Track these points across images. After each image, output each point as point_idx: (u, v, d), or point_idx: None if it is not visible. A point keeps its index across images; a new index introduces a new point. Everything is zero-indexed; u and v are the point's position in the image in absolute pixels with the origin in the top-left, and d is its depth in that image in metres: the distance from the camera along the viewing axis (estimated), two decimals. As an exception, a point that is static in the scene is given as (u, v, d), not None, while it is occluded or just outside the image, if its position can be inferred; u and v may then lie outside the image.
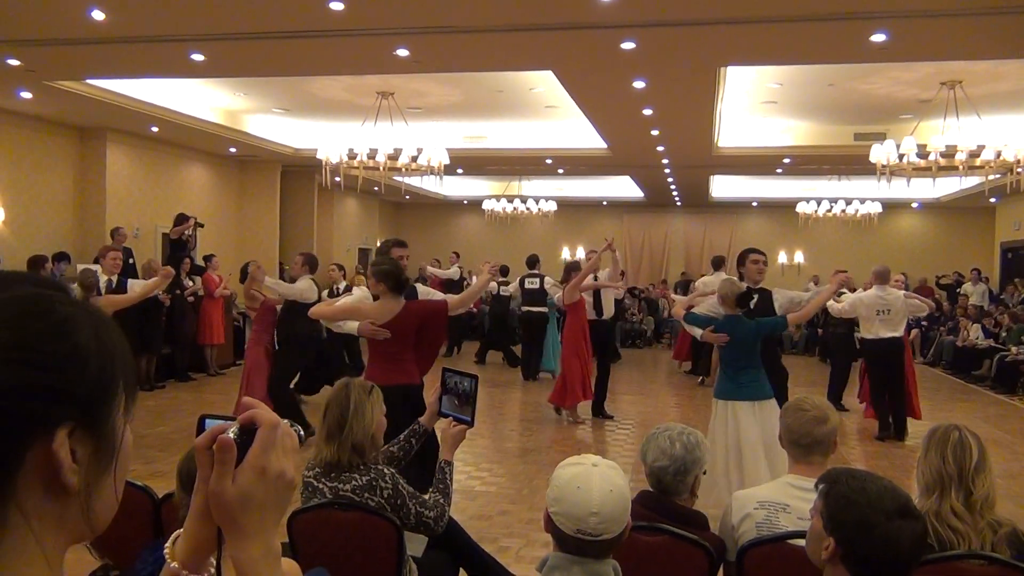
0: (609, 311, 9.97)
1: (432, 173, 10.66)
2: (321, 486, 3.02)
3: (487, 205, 19.07)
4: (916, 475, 2.76)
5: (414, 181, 15.58)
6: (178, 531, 1.03)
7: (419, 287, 5.84)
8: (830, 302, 8.45)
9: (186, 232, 12.24)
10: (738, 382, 5.42)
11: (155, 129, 12.36)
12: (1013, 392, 11.85)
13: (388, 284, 4.79)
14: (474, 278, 10.09)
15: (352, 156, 10.47)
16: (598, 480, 1.99)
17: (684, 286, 18.11)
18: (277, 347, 8.38)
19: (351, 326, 5.05)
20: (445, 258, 18.48)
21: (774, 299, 6.18)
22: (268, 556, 0.96)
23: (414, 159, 10.41)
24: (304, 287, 7.89)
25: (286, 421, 0.99)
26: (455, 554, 3.68)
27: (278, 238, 15.83)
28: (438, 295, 5.66)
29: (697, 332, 5.80)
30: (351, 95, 11.25)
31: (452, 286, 13.62)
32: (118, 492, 0.85)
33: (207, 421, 1.02)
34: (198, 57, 8.45)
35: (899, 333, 8.83)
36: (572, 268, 9.88)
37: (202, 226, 12.71)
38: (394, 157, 10.36)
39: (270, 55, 8.47)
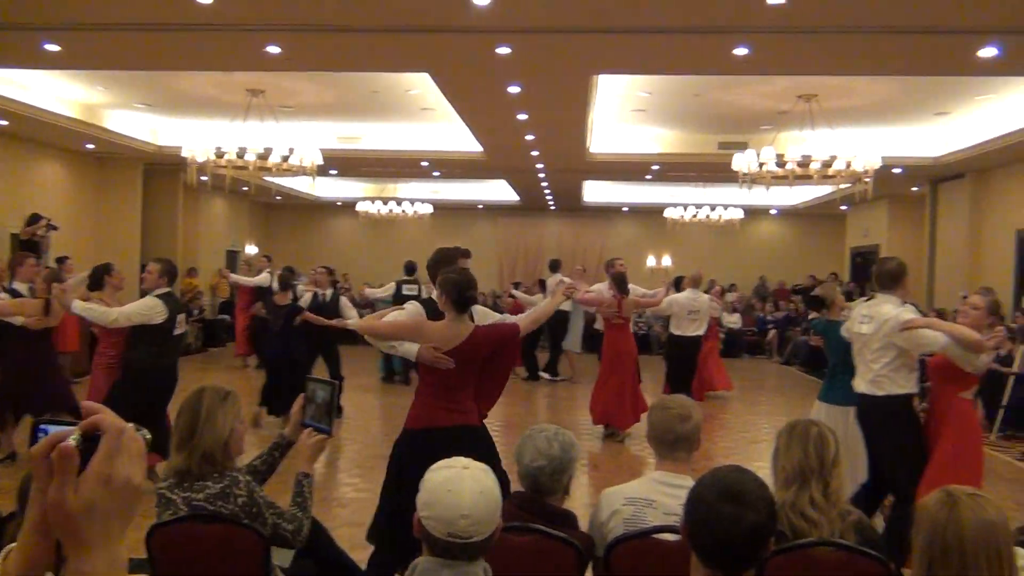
0: None
1: (304, 174, 10.44)
2: (174, 497, 2.90)
3: (361, 207, 18.82)
4: (773, 468, 2.88)
5: (285, 181, 15.23)
6: (10, 545, 0.97)
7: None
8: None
9: (38, 233, 11.53)
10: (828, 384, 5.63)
11: (4, 123, 11.58)
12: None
13: (451, 298, 3.96)
14: (327, 291, 9.71)
15: (220, 155, 10.12)
16: (469, 483, 1.99)
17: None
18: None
19: (408, 348, 4.06)
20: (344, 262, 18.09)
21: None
22: (113, 568, 0.91)
23: (285, 159, 10.16)
24: (143, 307, 6.08)
25: (131, 425, 0.95)
26: (322, 563, 3.60)
27: (140, 240, 15.09)
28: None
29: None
30: (220, 92, 10.87)
31: (262, 294, 12.05)
32: None
33: (44, 428, 0.95)
34: (52, 48, 7.98)
35: (701, 332, 9.66)
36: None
37: (56, 228, 11.99)
38: (264, 156, 10.08)
39: (132, 48, 8.08)
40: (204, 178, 10.93)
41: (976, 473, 4.62)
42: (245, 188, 15.47)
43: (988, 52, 7.48)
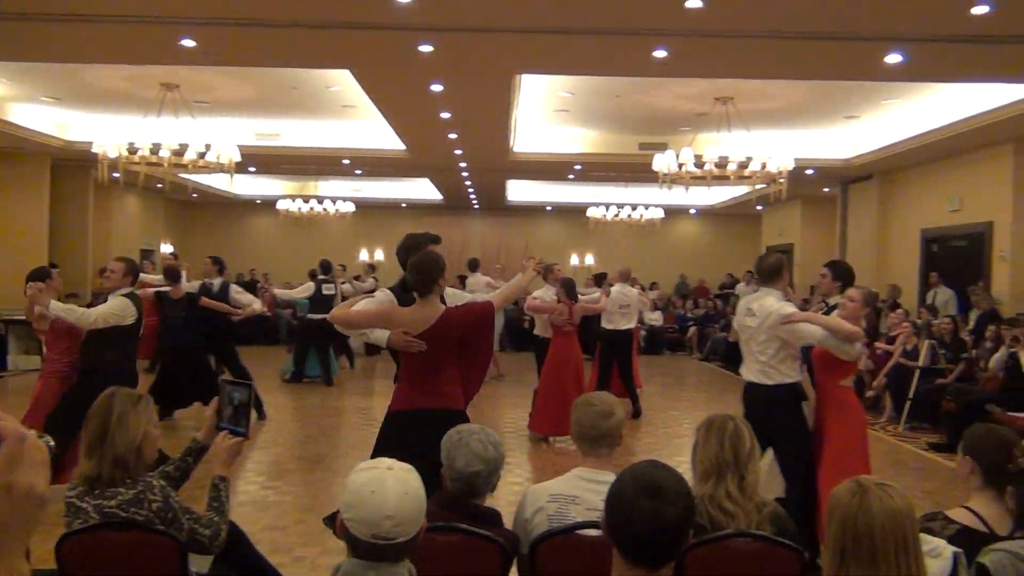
0: None
1: (222, 171, 10.20)
2: (84, 505, 2.80)
3: (282, 205, 18.48)
4: (692, 462, 2.95)
5: (202, 179, 14.85)
6: None
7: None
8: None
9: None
10: None
11: None
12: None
13: (414, 280, 3.96)
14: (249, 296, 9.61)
15: (133, 150, 9.80)
16: (393, 483, 1.98)
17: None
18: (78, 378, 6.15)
19: (379, 335, 4.12)
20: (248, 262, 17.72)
21: None
22: None
23: (202, 155, 9.91)
24: (116, 308, 5.88)
25: (33, 432, 0.91)
26: (241, 569, 3.52)
27: (47, 239, 14.49)
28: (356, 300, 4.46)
29: None
30: (132, 86, 10.53)
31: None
32: None
33: None
34: (-51, 36, 7.61)
35: (632, 325, 9.86)
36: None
37: None
38: (180, 153, 9.81)
39: (38, 38, 7.76)
40: (116, 175, 10.54)
41: (862, 455, 4.90)
42: (160, 185, 15.03)
43: (894, 58, 7.78)
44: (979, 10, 6.42)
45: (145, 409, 2.93)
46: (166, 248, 19.99)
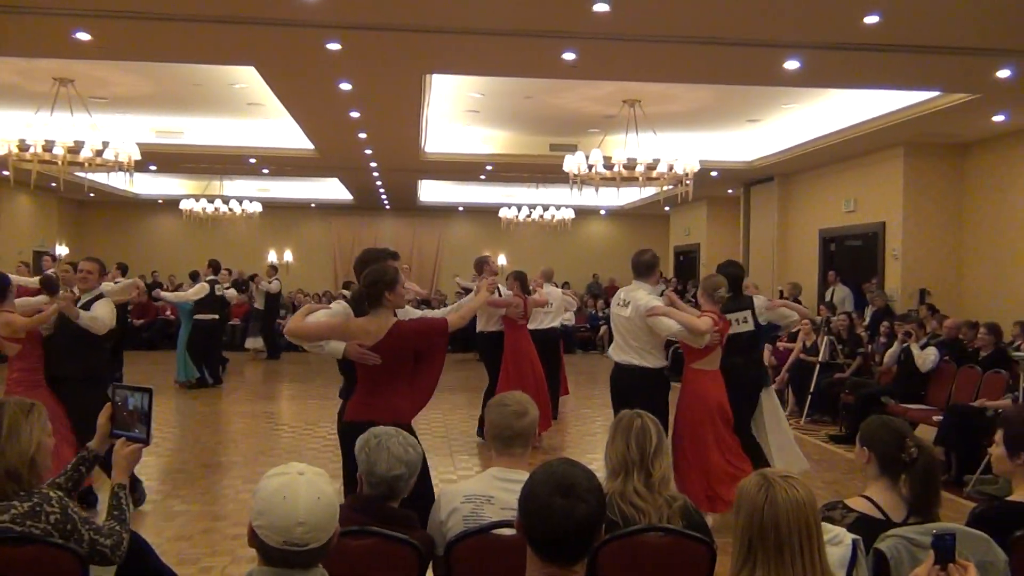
0: None
1: (120, 169, 9.82)
2: None
3: (185, 205, 17.91)
4: (604, 460, 3.00)
5: (99, 177, 14.28)
6: None
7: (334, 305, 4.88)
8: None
9: None
10: None
11: None
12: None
13: (367, 292, 4.04)
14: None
15: (24, 147, 9.34)
16: (305, 489, 1.94)
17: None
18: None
19: (334, 347, 4.15)
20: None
21: None
22: None
23: (99, 153, 9.52)
24: (109, 311, 5.90)
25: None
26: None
27: (-70, 239, 13.73)
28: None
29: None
30: (22, 79, 10.05)
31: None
32: None
33: None
34: None
35: (557, 324, 9.89)
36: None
37: None
38: (75, 150, 9.40)
39: (-85, 28, 7.33)
40: (5, 173, 10.04)
41: (712, 423, 5.56)
42: (53, 184, 14.35)
43: (791, 64, 8.07)
44: (871, 19, 6.72)
45: (38, 419, 2.80)
46: (61, 250, 19.16)
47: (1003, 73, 8.17)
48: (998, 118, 10.17)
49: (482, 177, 16.58)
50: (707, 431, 5.51)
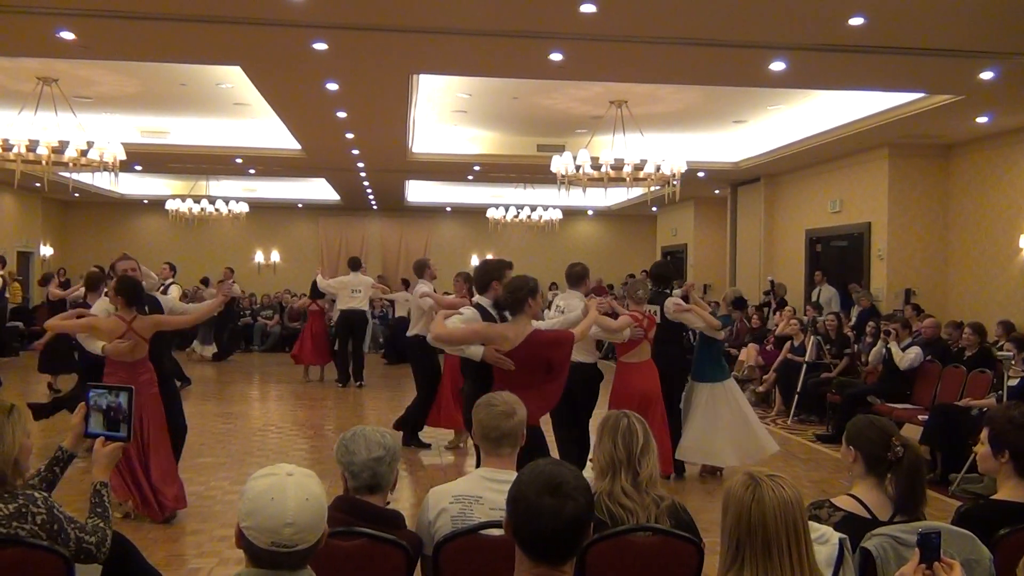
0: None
1: (105, 169, 9.76)
2: None
3: (171, 205, 17.81)
4: (593, 460, 3.00)
5: (84, 177, 14.18)
6: None
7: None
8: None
9: None
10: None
11: None
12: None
13: (510, 300, 4.46)
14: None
15: (7, 147, 9.26)
16: (293, 490, 1.93)
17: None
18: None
19: (474, 351, 4.48)
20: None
21: None
22: None
23: (83, 153, 9.45)
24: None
25: None
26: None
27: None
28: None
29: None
30: (6, 79, 9.98)
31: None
32: None
33: None
34: None
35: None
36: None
37: None
38: (59, 150, 9.33)
39: None
40: (-12, 173, 9.97)
41: (639, 408, 5.98)
42: (37, 184, 14.23)
43: (777, 66, 8.10)
44: (855, 21, 6.75)
45: (19, 420, 2.80)
46: (46, 251, 19.03)
47: (987, 75, 8.23)
48: (982, 119, 10.24)
49: (469, 178, 16.57)
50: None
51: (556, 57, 7.85)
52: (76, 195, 17.62)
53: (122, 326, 5.40)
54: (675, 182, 10.26)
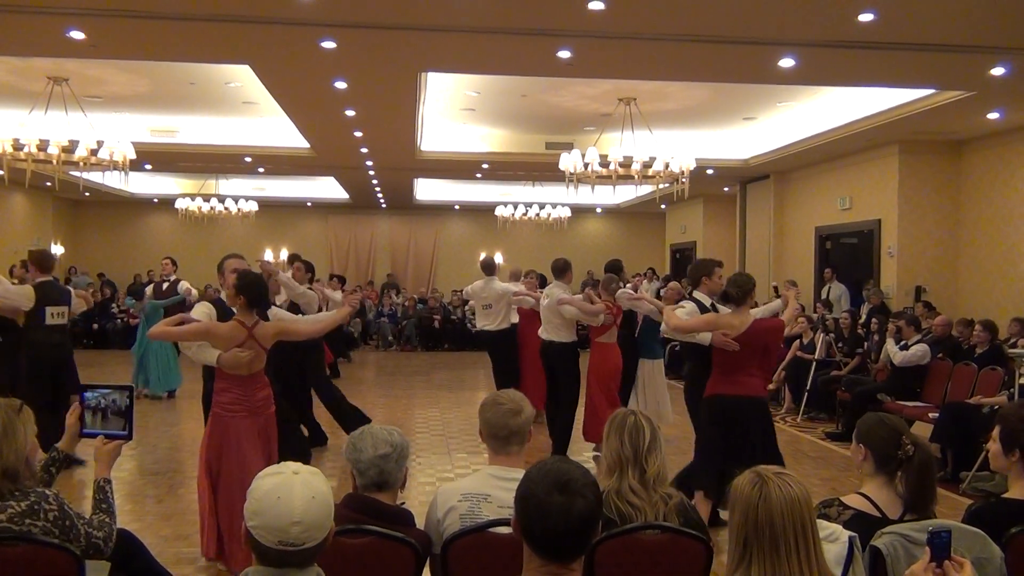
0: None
1: (115, 168, 9.80)
2: None
3: (180, 204, 17.87)
4: (601, 458, 3.00)
5: (95, 176, 14.23)
6: None
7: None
8: None
9: None
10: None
11: None
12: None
13: (738, 294, 5.17)
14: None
15: (18, 147, 9.30)
16: (300, 488, 1.94)
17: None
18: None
19: (703, 337, 5.31)
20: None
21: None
22: None
23: (94, 152, 9.49)
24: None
25: None
26: (139, 576, 3.41)
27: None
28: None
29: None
30: (16, 79, 10.02)
31: None
32: None
33: None
34: None
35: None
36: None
37: None
38: (69, 150, 9.37)
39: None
40: (0, 172, 10.00)
41: (609, 384, 7.74)
42: (48, 183, 14.32)
43: (787, 62, 8.07)
44: (865, 17, 6.71)
45: (27, 418, 2.83)
46: (57, 250, 19.12)
47: (998, 71, 8.17)
48: (993, 115, 10.18)
49: (478, 175, 16.56)
50: (602, 386, 7.72)
51: (564, 54, 7.83)
52: (87, 194, 17.70)
53: (242, 332, 4.52)
54: (684, 179, 10.23)
